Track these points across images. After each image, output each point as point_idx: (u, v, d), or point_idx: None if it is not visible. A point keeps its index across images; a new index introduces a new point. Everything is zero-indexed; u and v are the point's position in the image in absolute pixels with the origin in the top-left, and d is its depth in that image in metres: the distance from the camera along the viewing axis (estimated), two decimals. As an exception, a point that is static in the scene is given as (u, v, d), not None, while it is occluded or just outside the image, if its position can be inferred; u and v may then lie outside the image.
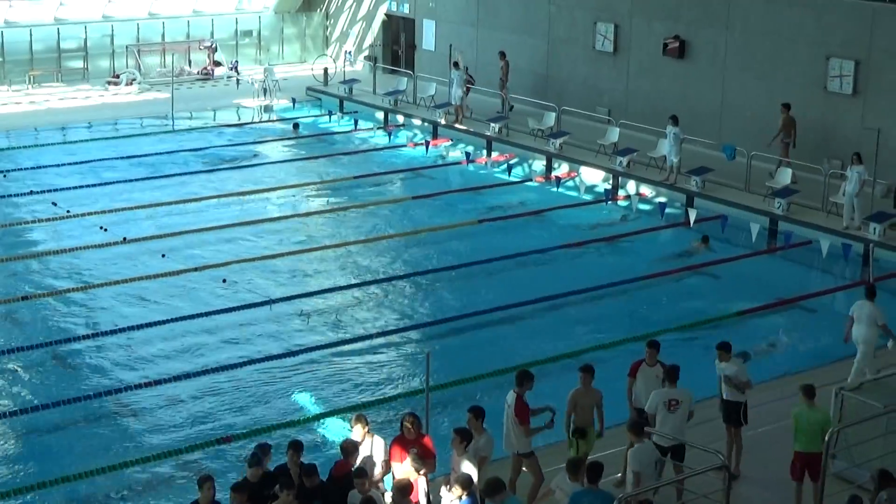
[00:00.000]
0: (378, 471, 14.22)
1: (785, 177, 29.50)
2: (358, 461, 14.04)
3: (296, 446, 14.04)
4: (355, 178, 33.28)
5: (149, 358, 21.26)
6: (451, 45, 40.92)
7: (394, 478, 14.06)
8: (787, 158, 30.15)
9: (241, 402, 19.59)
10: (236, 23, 47.63)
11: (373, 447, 14.33)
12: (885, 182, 28.25)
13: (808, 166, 29.53)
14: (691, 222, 28.15)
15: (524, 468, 15.40)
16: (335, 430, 18.35)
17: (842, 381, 17.23)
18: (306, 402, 19.69)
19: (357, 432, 14.32)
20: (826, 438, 14.09)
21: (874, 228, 26.26)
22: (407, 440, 14.09)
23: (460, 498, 12.97)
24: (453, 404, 18.97)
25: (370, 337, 22.18)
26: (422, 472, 13.70)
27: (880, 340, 19.30)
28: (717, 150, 31.98)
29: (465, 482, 13.08)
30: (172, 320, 22.51)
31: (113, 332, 22.10)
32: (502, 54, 38.63)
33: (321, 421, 18.89)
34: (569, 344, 21.38)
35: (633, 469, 14.20)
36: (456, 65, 38.00)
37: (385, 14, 46.37)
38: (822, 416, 15.03)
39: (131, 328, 22.20)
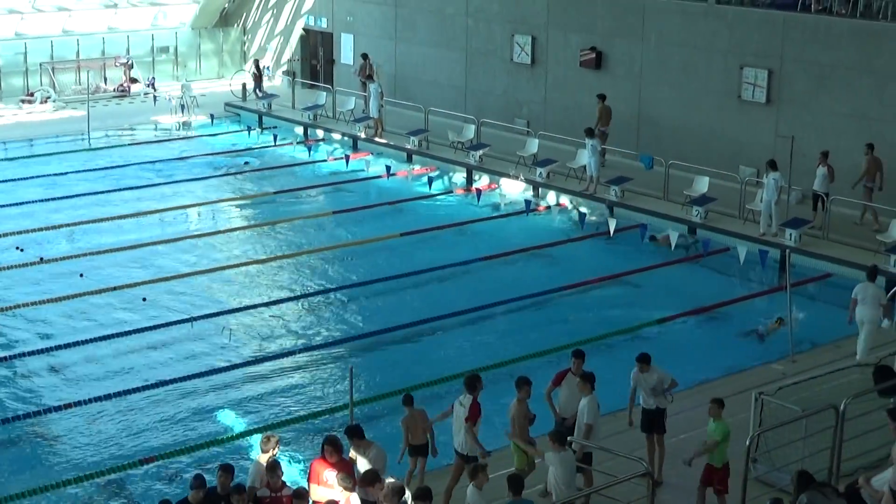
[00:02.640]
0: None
1: (702, 185, 29.87)
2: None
3: (226, 469, 13.87)
4: (275, 193, 33.13)
5: (68, 379, 20.96)
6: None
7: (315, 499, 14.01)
8: (604, 146, 32.60)
9: (164, 421, 19.36)
10: (152, 39, 47.14)
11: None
12: (800, 188, 28.72)
13: (725, 174, 29.93)
14: (611, 232, 28.37)
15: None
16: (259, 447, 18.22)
17: (760, 385, 17.42)
18: (230, 420, 19.53)
19: (270, 452, 14.30)
20: (748, 443, 14.25)
21: (790, 234, 26.67)
22: (327, 462, 14.07)
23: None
24: (378, 418, 18.95)
25: (293, 353, 22.08)
26: (352, 489, 13.65)
27: None
28: (635, 160, 32.30)
29: (371, 478, 13.31)
30: (92, 340, 22.23)
31: (31, 353, 21.76)
32: (364, 56, 40.47)
33: (245, 439, 18.73)
34: (493, 356, 21.42)
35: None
36: (370, 77, 38.08)
37: (303, 29, 46.26)
38: (728, 429, 15.18)
39: (50, 349, 21.90)
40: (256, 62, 44.12)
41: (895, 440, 13.36)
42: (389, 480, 13.70)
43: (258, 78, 43.33)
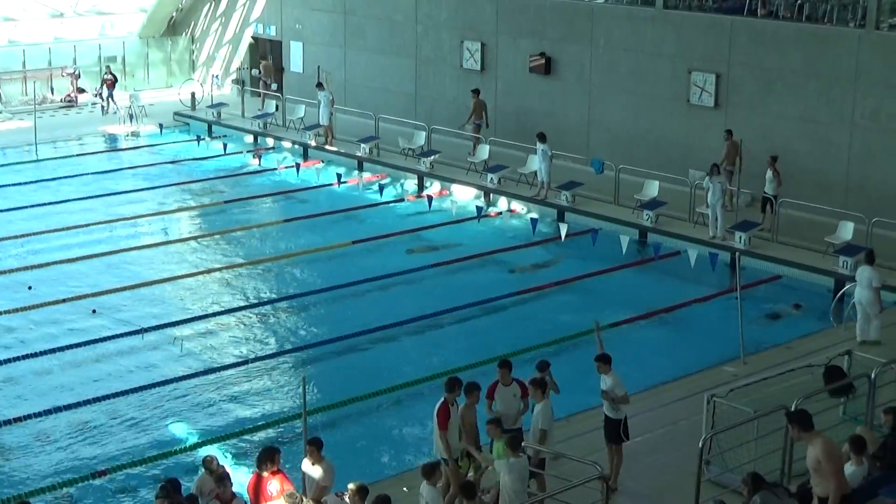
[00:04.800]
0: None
1: (652, 189, 30.01)
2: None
3: (174, 487, 13.74)
4: (226, 202, 32.97)
5: (18, 393, 20.75)
6: (318, 67, 40.90)
7: None
8: (478, 136, 34.72)
9: (116, 434, 19.21)
10: (100, 49, 46.75)
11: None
12: (750, 192, 28.92)
13: (674, 178, 30.08)
14: (563, 237, 28.44)
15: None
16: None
17: (711, 388, 17.49)
18: (182, 431, 19.39)
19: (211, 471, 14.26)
20: (700, 445, 14.30)
21: (740, 237, 26.86)
22: (264, 479, 13.99)
23: None
24: (332, 427, 18.88)
25: (245, 362, 21.95)
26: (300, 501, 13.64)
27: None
28: (585, 165, 32.37)
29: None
30: (41, 353, 22.01)
31: (-21, 367, 21.55)
32: (263, 56, 43.02)
33: (197, 450, 18.58)
34: (446, 362, 21.38)
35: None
36: (320, 85, 38.01)
37: (252, 37, 46.09)
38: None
39: (-1, 363, 21.70)
40: (108, 68, 44.18)
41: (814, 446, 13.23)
42: (334, 497, 13.74)
43: (110, 84, 43.16)
